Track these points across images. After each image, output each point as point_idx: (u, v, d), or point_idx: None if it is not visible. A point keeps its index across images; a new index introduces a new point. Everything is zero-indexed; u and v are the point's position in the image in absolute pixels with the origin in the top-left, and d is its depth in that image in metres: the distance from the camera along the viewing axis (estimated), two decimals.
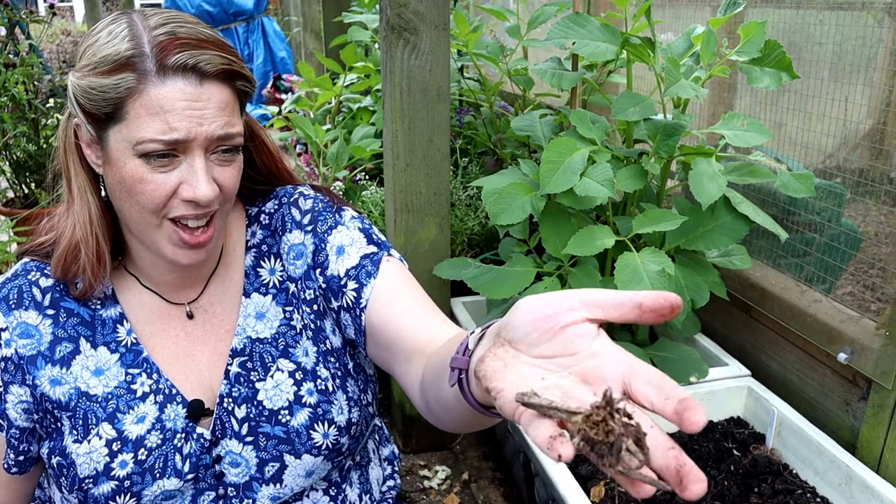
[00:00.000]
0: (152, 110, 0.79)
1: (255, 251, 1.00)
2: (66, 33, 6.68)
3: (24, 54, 3.01)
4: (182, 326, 0.96)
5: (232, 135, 0.84)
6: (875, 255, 1.43)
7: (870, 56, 1.37)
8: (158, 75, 0.79)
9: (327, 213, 0.97)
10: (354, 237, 0.96)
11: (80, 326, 0.92)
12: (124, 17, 0.83)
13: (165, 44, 0.79)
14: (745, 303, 1.63)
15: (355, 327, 0.93)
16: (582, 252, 1.32)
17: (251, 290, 0.98)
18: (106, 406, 0.90)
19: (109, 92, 0.80)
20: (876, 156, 1.39)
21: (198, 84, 0.80)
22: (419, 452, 1.91)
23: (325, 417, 0.94)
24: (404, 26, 1.55)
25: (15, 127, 2.96)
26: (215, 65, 0.81)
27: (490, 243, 2.07)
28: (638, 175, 1.39)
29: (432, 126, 1.65)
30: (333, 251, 0.95)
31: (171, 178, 0.82)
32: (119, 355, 0.92)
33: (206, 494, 0.92)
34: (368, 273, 0.93)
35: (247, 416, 0.93)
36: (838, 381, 1.41)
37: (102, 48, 0.81)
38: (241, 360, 0.95)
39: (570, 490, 1.20)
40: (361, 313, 0.91)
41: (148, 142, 0.79)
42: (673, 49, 1.46)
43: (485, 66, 2.24)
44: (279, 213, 1.00)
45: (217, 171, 0.85)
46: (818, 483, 1.32)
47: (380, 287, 0.91)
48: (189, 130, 0.80)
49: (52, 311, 0.91)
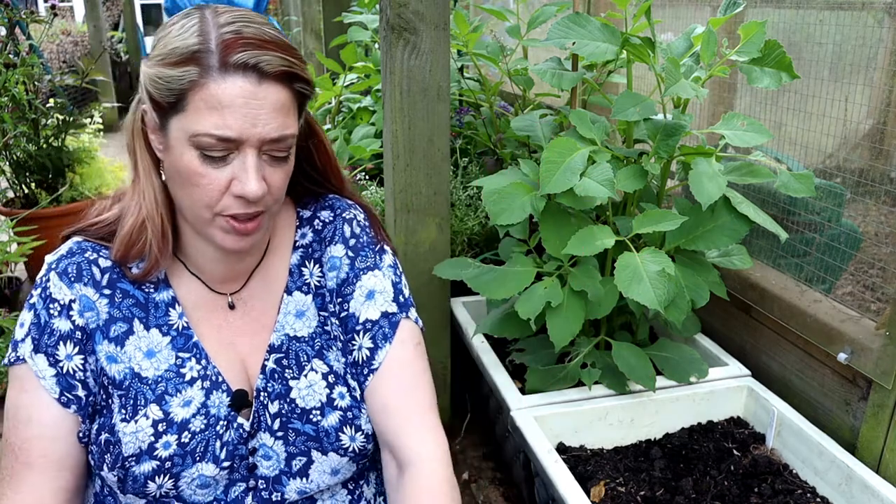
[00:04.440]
0: (210, 104, 0.82)
1: (302, 251, 1.03)
2: (66, 33, 6.68)
3: (24, 54, 3.01)
4: (224, 316, 0.99)
5: (285, 136, 0.86)
6: (875, 255, 1.43)
7: (870, 56, 1.37)
8: (220, 71, 0.82)
9: (369, 251, 1.03)
10: (385, 287, 1.02)
11: (135, 308, 0.95)
12: (197, 13, 0.87)
13: (230, 41, 0.82)
14: (745, 303, 1.63)
15: (358, 382, 1.00)
16: (582, 252, 1.32)
17: (293, 288, 1.02)
18: (155, 388, 0.92)
19: (174, 83, 0.83)
20: (876, 156, 1.39)
21: (256, 83, 0.83)
22: None
23: (353, 423, 0.97)
24: (404, 26, 1.55)
25: (15, 127, 2.96)
26: (275, 66, 0.83)
27: (490, 243, 2.07)
28: (638, 175, 1.39)
29: (432, 126, 1.65)
30: (363, 292, 1.00)
31: (224, 174, 0.85)
32: (171, 338, 0.95)
33: (237, 485, 0.94)
34: (385, 336, 0.99)
35: (279, 412, 0.95)
36: (838, 381, 1.41)
37: (173, 41, 0.84)
38: (278, 357, 0.98)
39: (570, 490, 1.20)
40: (370, 374, 0.98)
41: (202, 135, 0.82)
42: (673, 49, 1.46)
43: (485, 66, 2.24)
44: (333, 225, 1.04)
45: (268, 171, 0.87)
46: (818, 483, 1.32)
47: (391, 358, 0.98)
48: (242, 130, 0.83)
49: (109, 291, 0.94)
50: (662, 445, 1.45)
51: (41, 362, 0.90)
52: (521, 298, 1.39)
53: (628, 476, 1.36)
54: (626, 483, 1.34)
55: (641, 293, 1.26)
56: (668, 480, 1.35)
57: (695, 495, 1.31)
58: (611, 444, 1.46)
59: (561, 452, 1.42)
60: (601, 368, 1.46)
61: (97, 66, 3.42)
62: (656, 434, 1.49)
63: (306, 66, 0.90)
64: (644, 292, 1.26)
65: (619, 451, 1.45)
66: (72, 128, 3.20)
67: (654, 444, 1.46)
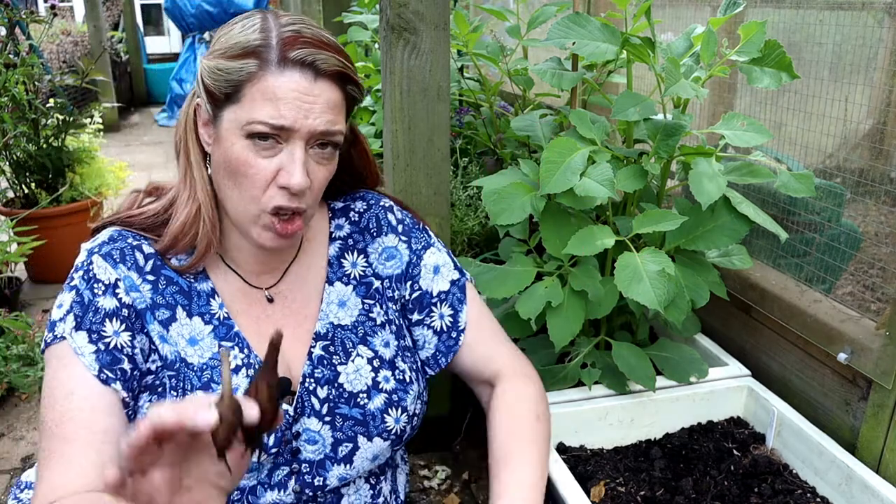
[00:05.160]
0: (267, 95, 0.86)
1: (341, 243, 1.08)
2: (66, 33, 6.67)
3: (24, 54, 3.01)
4: (263, 309, 1.01)
5: (333, 132, 0.90)
6: (875, 255, 1.43)
7: (870, 56, 1.37)
8: (279, 66, 0.86)
9: (419, 232, 1.11)
10: (445, 260, 1.12)
11: (178, 295, 0.96)
12: (259, 14, 0.91)
13: (290, 39, 0.87)
14: (745, 303, 1.63)
15: (444, 348, 1.09)
16: (582, 252, 1.32)
17: (334, 279, 1.06)
18: (201, 375, 0.94)
19: (233, 74, 0.87)
20: (876, 156, 1.39)
21: (312, 80, 0.87)
22: (419, 452, 1.91)
23: (399, 404, 1.01)
24: (404, 26, 1.55)
25: (15, 127, 2.96)
26: (330, 65, 0.88)
27: (490, 243, 2.07)
28: (638, 175, 1.39)
29: (432, 126, 1.65)
30: (429, 269, 1.10)
31: (271, 164, 0.88)
32: (213, 327, 0.97)
33: (281, 469, 0.97)
34: (459, 300, 1.11)
35: (327, 397, 0.99)
36: (838, 381, 1.41)
37: (235, 36, 0.89)
38: (324, 344, 1.02)
39: (570, 490, 1.20)
40: (460, 334, 1.09)
41: (257, 123, 0.86)
42: (673, 49, 1.46)
43: (485, 66, 2.24)
44: (370, 214, 1.10)
45: (312, 167, 0.90)
46: (818, 483, 1.32)
47: (470, 315, 1.11)
48: (295, 120, 0.86)
49: (153, 277, 0.96)
50: (662, 445, 1.45)
51: (81, 339, 0.89)
52: (522, 298, 1.39)
53: (628, 476, 1.36)
54: (626, 483, 1.34)
55: (641, 293, 1.26)
56: (668, 480, 1.35)
57: (695, 495, 1.31)
58: (611, 444, 1.47)
59: (561, 452, 1.42)
60: (601, 368, 1.46)
61: (97, 66, 3.42)
62: (656, 434, 1.49)
63: (357, 72, 0.94)
64: (644, 292, 1.26)
65: (619, 451, 1.45)
66: (72, 128, 3.20)
67: (654, 444, 1.46)
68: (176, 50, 9.71)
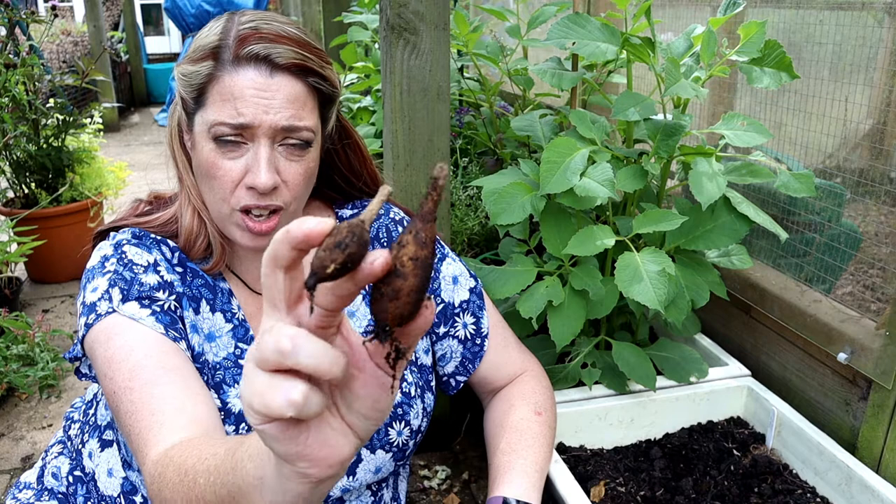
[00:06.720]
0: (225, 96, 0.84)
1: None
2: (66, 33, 6.67)
3: (24, 55, 3.01)
4: None
5: (298, 127, 0.87)
6: (875, 255, 1.43)
7: (870, 56, 1.37)
8: (233, 64, 0.84)
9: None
10: (461, 269, 1.14)
11: (204, 288, 0.96)
12: (226, 16, 0.90)
13: (245, 36, 0.85)
14: (745, 303, 1.63)
15: (471, 354, 1.11)
16: (582, 252, 1.32)
17: None
18: (214, 374, 0.92)
19: (195, 78, 0.86)
20: (876, 156, 1.39)
21: (268, 75, 0.85)
22: (419, 452, 1.91)
23: (403, 418, 1.00)
24: (404, 26, 1.55)
25: (15, 127, 2.96)
26: (287, 58, 0.85)
27: (490, 243, 2.07)
28: (638, 175, 1.39)
29: (432, 126, 1.65)
30: (448, 281, 1.11)
31: (238, 165, 0.86)
32: (232, 326, 0.96)
33: None
34: (479, 307, 1.13)
35: None
36: (838, 381, 1.41)
37: (199, 40, 0.88)
38: None
39: (570, 490, 1.20)
40: (484, 340, 1.12)
41: (219, 124, 0.84)
42: (673, 49, 1.46)
43: (485, 66, 2.24)
44: (380, 224, 1.09)
45: (283, 164, 0.88)
46: (818, 483, 1.32)
47: (491, 321, 1.14)
48: (255, 116, 0.84)
49: (181, 269, 0.95)
50: (662, 445, 1.45)
51: (132, 307, 0.85)
52: (522, 298, 1.39)
53: (628, 476, 1.36)
54: (626, 483, 1.34)
55: (641, 293, 1.26)
56: (668, 480, 1.35)
57: (695, 495, 1.31)
58: (611, 444, 1.47)
59: (561, 452, 1.42)
60: (601, 368, 1.46)
61: (97, 66, 3.42)
62: (656, 434, 1.49)
63: (330, 66, 0.91)
64: (644, 292, 1.26)
65: (619, 451, 1.45)
66: (72, 128, 3.20)
67: (654, 444, 1.46)
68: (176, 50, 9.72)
